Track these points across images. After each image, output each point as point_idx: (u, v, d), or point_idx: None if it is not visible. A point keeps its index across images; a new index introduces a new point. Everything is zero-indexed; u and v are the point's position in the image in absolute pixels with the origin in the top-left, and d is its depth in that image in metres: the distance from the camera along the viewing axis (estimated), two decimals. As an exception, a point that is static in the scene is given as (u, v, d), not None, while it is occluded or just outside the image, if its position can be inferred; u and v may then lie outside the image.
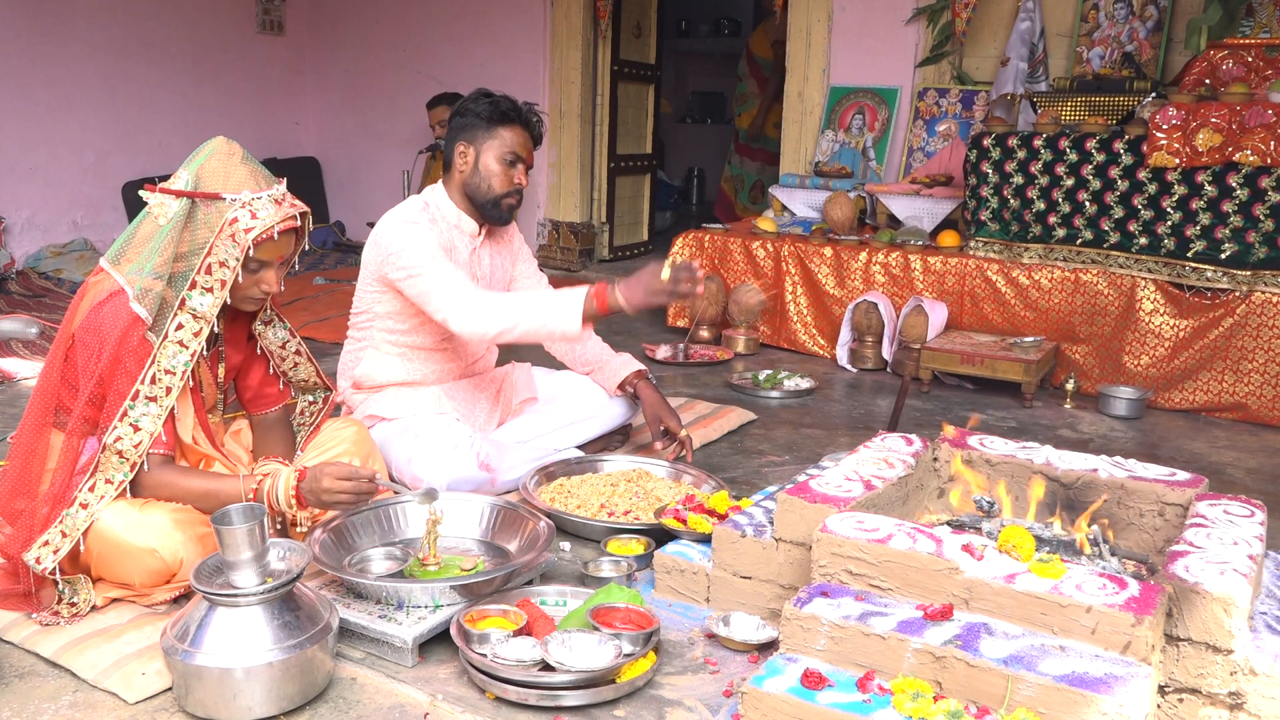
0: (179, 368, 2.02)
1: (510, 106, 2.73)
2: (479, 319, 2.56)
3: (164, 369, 2.00)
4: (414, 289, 2.62)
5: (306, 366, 2.38)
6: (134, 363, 1.99)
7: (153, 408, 2.00)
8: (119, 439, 1.98)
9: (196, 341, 2.03)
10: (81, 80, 6.24)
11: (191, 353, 2.02)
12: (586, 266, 6.72)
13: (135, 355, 1.99)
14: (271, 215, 2.00)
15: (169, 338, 2.00)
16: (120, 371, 1.98)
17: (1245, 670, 1.59)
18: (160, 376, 2.00)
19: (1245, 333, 3.72)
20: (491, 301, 2.59)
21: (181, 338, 2.01)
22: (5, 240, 5.90)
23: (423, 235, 2.64)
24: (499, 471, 2.70)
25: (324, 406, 2.48)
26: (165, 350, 2.00)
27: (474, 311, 2.56)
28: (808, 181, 5.41)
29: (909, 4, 5.39)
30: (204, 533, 2.07)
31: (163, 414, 2.01)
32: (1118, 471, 2.11)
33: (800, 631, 1.67)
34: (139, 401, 1.99)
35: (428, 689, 1.84)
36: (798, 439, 3.45)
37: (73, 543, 1.96)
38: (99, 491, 1.99)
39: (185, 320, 2.01)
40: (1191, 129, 3.72)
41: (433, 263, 2.60)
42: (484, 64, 6.86)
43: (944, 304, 4.32)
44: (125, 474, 2.00)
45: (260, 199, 2.01)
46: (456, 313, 2.56)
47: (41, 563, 1.95)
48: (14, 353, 4.18)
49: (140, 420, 1.99)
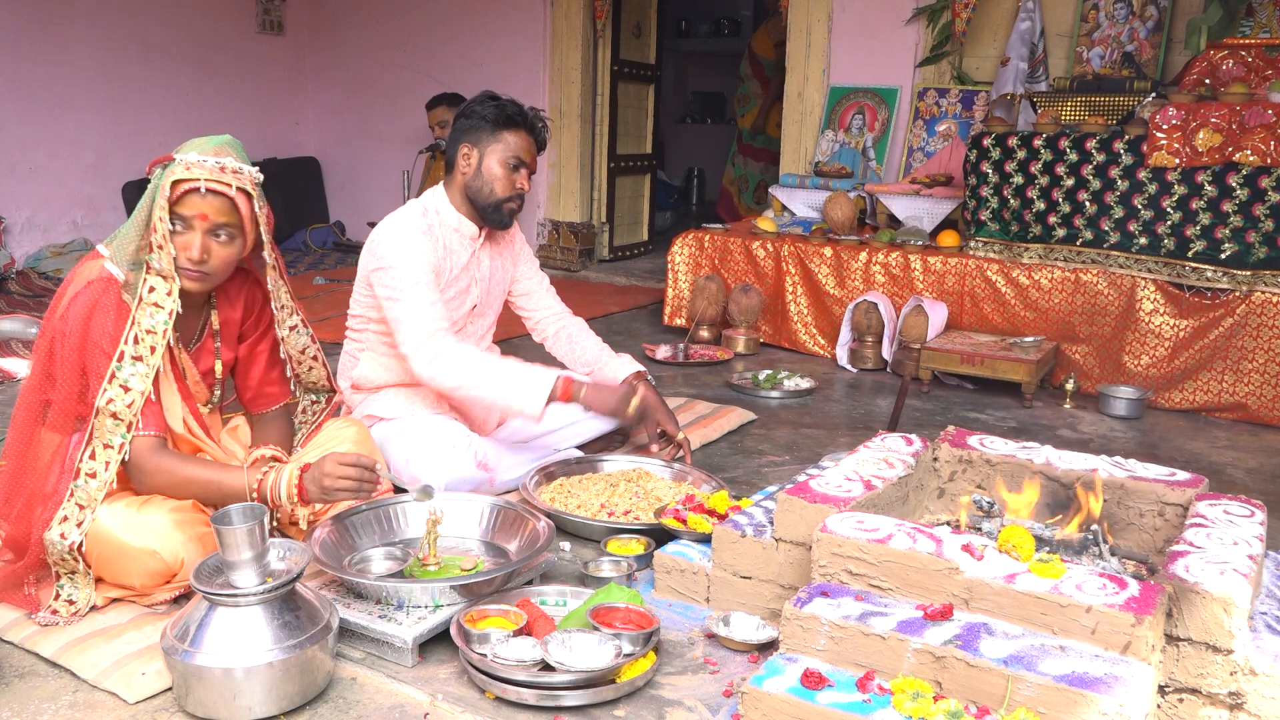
0: (159, 327, 2.03)
1: (516, 111, 2.73)
2: (438, 369, 2.57)
3: (145, 329, 2.02)
4: (389, 312, 2.63)
5: (320, 370, 2.39)
6: (113, 327, 2.00)
7: (140, 367, 2.01)
8: (110, 400, 1.98)
9: (171, 300, 2.04)
10: (81, 80, 6.24)
11: (168, 311, 2.03)
12: (586, 266, 6.73)
13: (113, 320, 2.00)
14: (201, 172, 1.99)
15: (144, 300, 2.02)
16: (96, 345, 1.99)
17: (1245, 670, 1.59)
18: (142, 336, 2.01)
19: (1245, 333, 3.72)
20: (459, 354, 2.58)
21: (156, 299, 2.03)
22: (5, 240, 5.90)
23: (414, 256, 2.63)
24: (497, 471, 2.70)
25: (326, 406, 2.48)
26: (143, 311, 2.02)
27: (439, 358, 2.56)
28: (808, 181, 5.41)
29: (909, 4, 5.39)
30: (203, 533, 2.07)
31: (150, 373, 2.02)
32: (1118, 471, 2.11)
33: (800, 631, 1.67)
34: (125, 362, 2.00)
35: (428, 689, 1.84)
36: (798, 439, 3.45)
37: (91, 514, 1.97)
38: (101, 458, 1.99)
39: (156, 283, 2.03)
40: (1191, 129, 3.72)
41: (413, 291, 2.59)
42: (484, 64, 6.86)
43: (944, 304, 4.32)
44: (122, 435, 2.00)
45: (203, 161, 2.00)
46: (419, 355, 2.57)
47: (66, 538, 1.96)
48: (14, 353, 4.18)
49: (129, 380, 2.00)
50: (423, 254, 2.65)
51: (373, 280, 2.68)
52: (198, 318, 2.21)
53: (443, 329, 2.60)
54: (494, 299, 2.96)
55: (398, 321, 2.61)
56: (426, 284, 2.62)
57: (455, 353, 2.58)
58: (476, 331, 2.94)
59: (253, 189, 2.06)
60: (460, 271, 2.80)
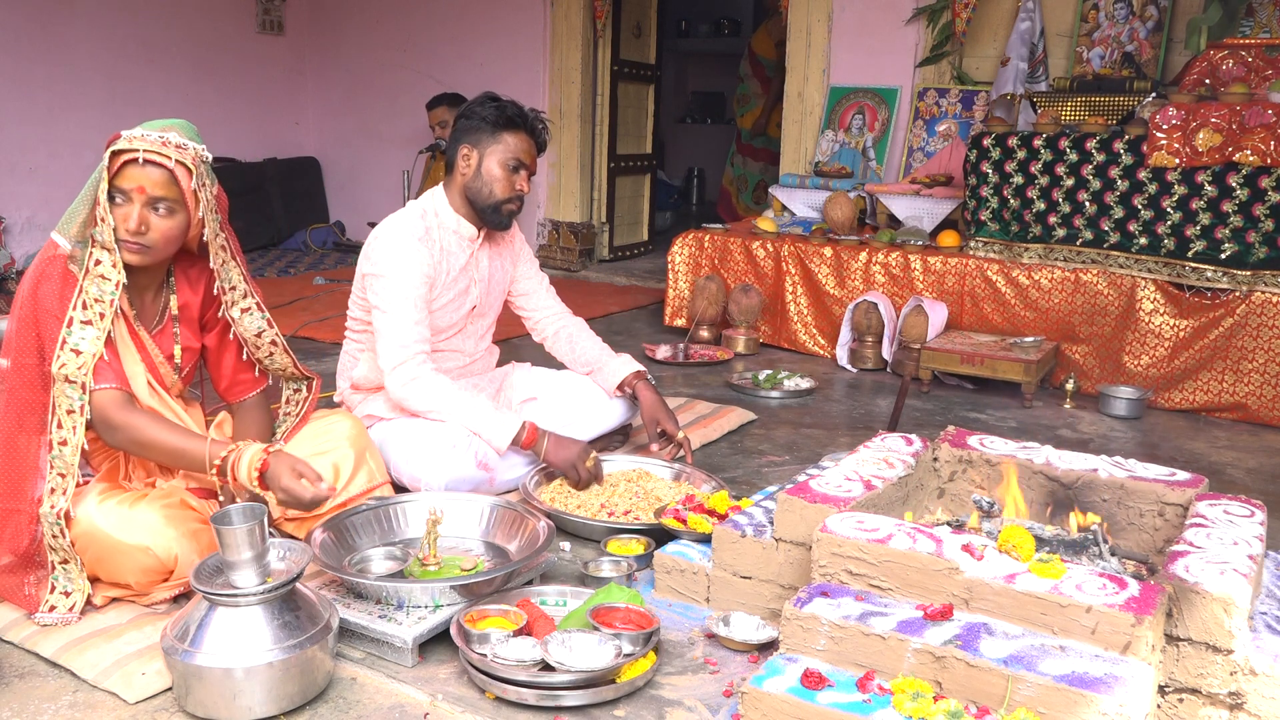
0: (106, 295, 2.04)
1: (516, 112, 2.73)
2: (412, 391, 2.61)
3: (93, 297, 2.03)
4: (374, 320, 2.66)
5: (283, 357, 2.36)
6: (58, 296, 2.02)
7: (89, 330, 2.02)
8: (63, 365, 2.00)
9: (116, 272, 2.04)
10: (81, 80, 6.24)
11: (115, 282, 2.04)
12: (586, 266, 6.73)
13: (59, 289, 2.02)
14: (141, 145, 2.00)
15: (90, 272, 2.03)
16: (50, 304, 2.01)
17: (1245, 670, 1.59)
18: (90, 303, 2.03)
19: (1245, 333, 3.72)
20: (433, 383, 2.62)
21: (103, 271, 2.03)
22: (5, 240, 5.90)
23: (406, 268, 2.63)
24: (498, 471, 2.69)
25: (309, 395, 2.47)
26: (91, 282, 2.03)
27: (413, 382, 2.61)
28: (808, 181, 5.41)
29: (909, 4, 5.39)
30: (196, 529, 2.07)
31: (101, 335, 2.03)
32: (1118, 471, 2.11)
33: (800, 631, 1.67)
34: (74, 327, 2.01)
35: (428, 689, 1.84)
36: (798, 439, 3.45)
37: (73, 480, 2.00)
38: (68, 424, 2.01)
39: (101, 256, 2.03)
40: (1191, 129, 3.72)
41: (400, 306, 2.61)
42: (484, 64, 6.86)
43: (944, 304, 4.32)
44: (80, 397, 2.01)
45: (149, 135, 2.02)
46: (394, 374, 2.61)
47: (55, 506, 1.98)
48: (14, 353, 4.18)
49: (80, 344, 2.01)
50: (416, 266, 2.65)
51: (366, 284, 2.69)
52: (157, 300, 2.21)
53: (422, 351, 2.64)
54: (494, 299, 2.96)
55: (379, 332, 2.64)
56: (414, 301, 2.64)
57: (430, 382, 2.62)
58: (476, 331, 2.94)
59: (194, 165, 2.05)
60: (459, 272, 2.79)
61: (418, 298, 2.65)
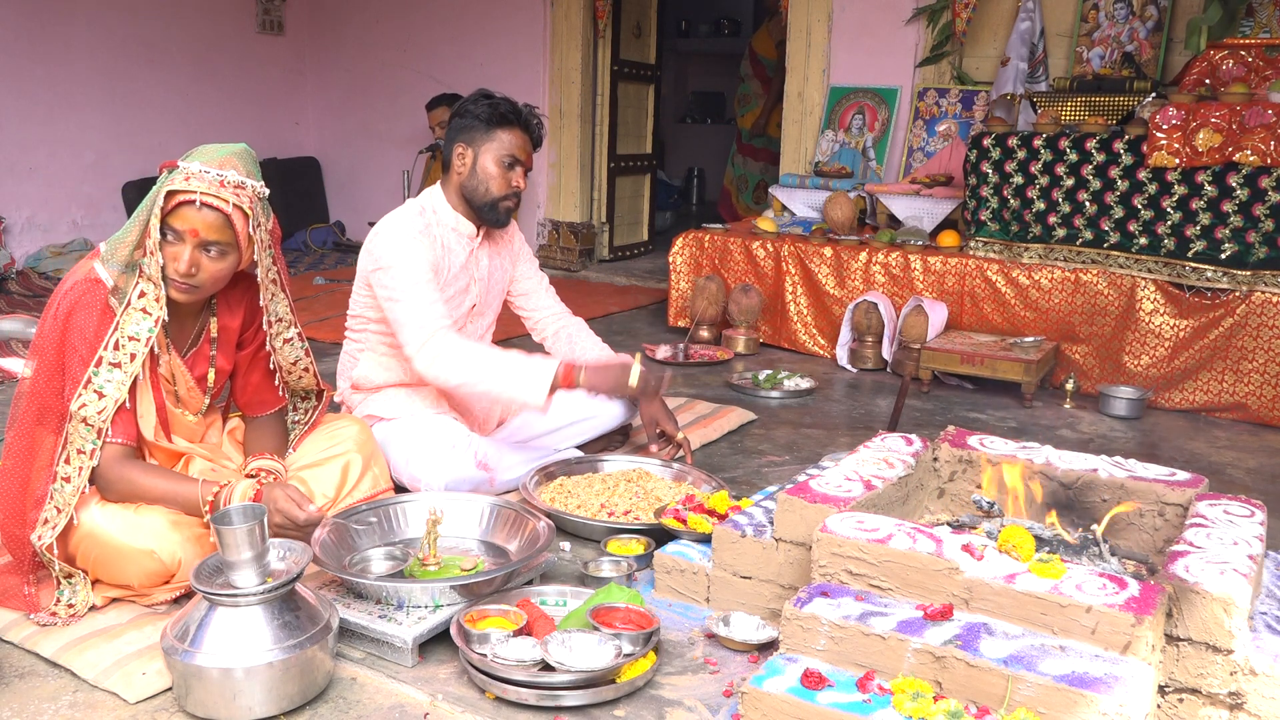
0: (143, 334, 2.00)
1: (510, 109, 2.72)
2: (443, 365, 2.56)
3: (128, 335, 1.99)
4: (390, 313, 2.62)
5: (309, 377, 2.38)
6: (94, 330, 1.98)
7: (116, 374, 1.99)
8: (84, 405, 1.96)
9: (159, 308, 2.01)
10: (81, 80, 6.23)
11: (155, 319, 2.00)
12: (586, 267, 6.73)
13: (96, 322, 1.98)
14: (200, 184, 1.94)
15: (132, 305, 1.99)
16: (73, 348, 1.97)
17: (1245, 670, 1.59)
18: (124, 343, 1.99)
19: (1245, 333, 3.72)
20: (461, 350, 2.57)
21: (144, 305, 2.00)
22: (5, 240, 5.90)
23: (413, 255, 2.62)
24: (497, 471, 2.69)
25: (320, 404, 2.47)
26: (130, 317, 1.99)
27: (440, 356, 2.56)
28: (808, 181, 5.41)
29: (909, 4, 5.39)
30: (201, 533, 2.07)
31: (127, 381, 1.99)
32: (1118, 471, 2.11)
33: (800, 631, 1.67)
34: (103, 367, 1.97)
35: (428, 689, 1.84)
36: (798, 439, 3.45)
37: (66, 517, 1.96)
38: (75, 463, 1.98)
39: (146, 288, 2.00)
40: (1191, 129, 3.72)
41: (413, 290, 2.59)
42: (484, 64, 6.86)
43: (944, 304, 4.32)
44: (94, 441, 1.98)
45: (207, 173, 1.95)
46: (423, 353, 2.56)
47: (42, 539, 1.96)
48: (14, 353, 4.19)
49: (104, 387, 1.98)
50: (421, 253, 2.64)
51: (372, 281, 2.67)
52: (195, 323, 2.19)
53: (444, 327, 2.60)
54: (493, 298, 2.96)
55: (399, 323, 2.60)
56: (426, 282, 2.61)
57: (456, 350, 2.57)
58: (476, 331, 2.94)
59: (250, 208, 2.00)
60: (459, 270, 2.79)
61: (428, 281, 2.62)
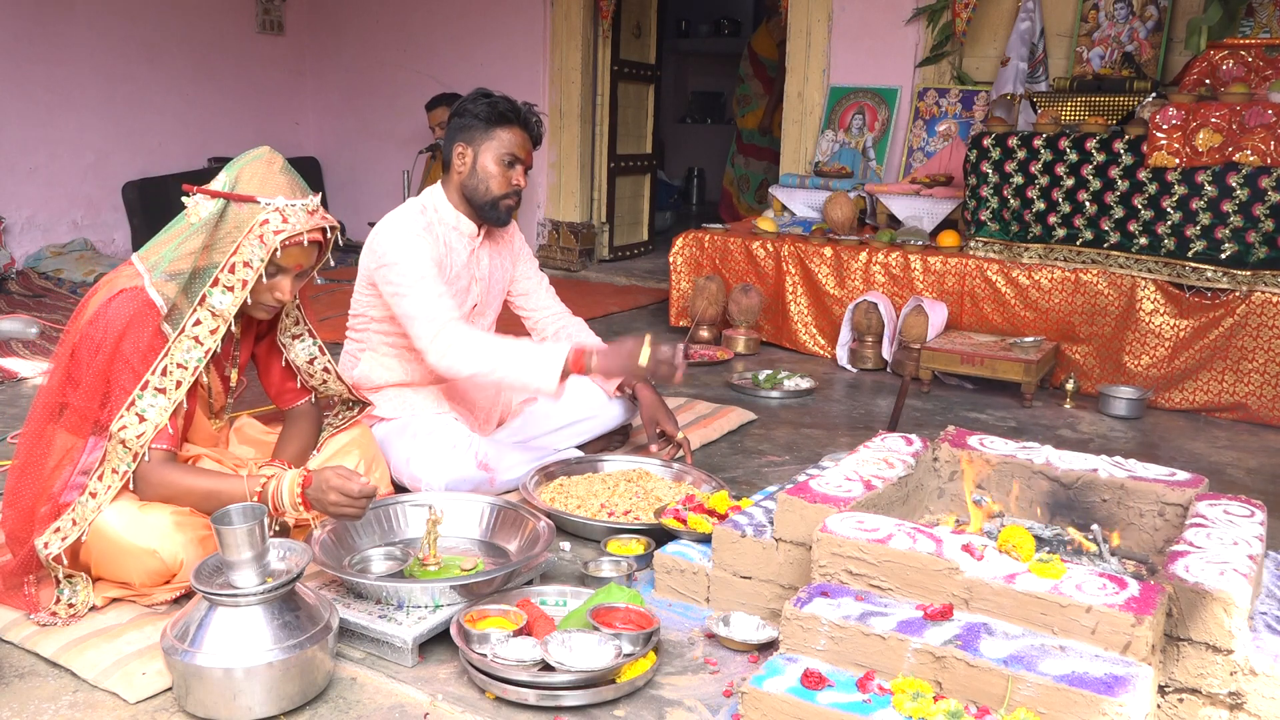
0: (192, 363, 2.02)
1: (509, 107, 2.72)
2: (456, 356, 2.55)
3: (176, 363, 2.01)
4: (399, 309, 2.62)
5: (336, 384, 2.39)
6: (144, 352, 1.99)
7: (160, 400, 2.00)
8: (124, 428, 1.97)
9: (213, 339, 2.03)
10: (81, 80, 6.23)
11: (206, 349, 2.03)
12: (586, 266, 6.73)
13: (146, 344, 1.99)
14: (302, 222, 2.03)
15: (185, 332, 2.01)
16: (126, 362, 1.98)
17: (1245, 670, 1.59)
18: (171, 369, 2.00)
19: (1245, 333, 3.72)
20: (473, 340, 2.56)
21: (198, 334, 2.02)
22: (5, 240, 5.90)
23: (416, 250, 2.62)
24: (498, 471, 2.69)
25: (356, 414, 2.49)
26: (180, 344, 2.01)
27: (452, 348, 2.55)
28: (808, 181, 5.41)
29: (909, 4, 5.39)
30: (204, 535, 2.06)
31: (170, 407, 2.01)
32: (1118, 471, 2.11)
33: (800, 631, 1.67)
34: (147, 392, 1.99)
35: (428, 689, 1.84)
36: (798, 439, 3.45)
37: (80, 531, 1.97)
38: (106, 482, 2.00)
39: (204, 317, 2.02)
40: (1191, 129, 3.72)
41: (420, 284, 2.58)
42: (484, 64, 6.86)
43: (944, 304, 4.32)
44: (129, 464, 2.00)
45: (294, 206, 2.03)
46: (435, 346, 2.56)
47: (49, 548, 1.96)
48: (14, 353, 4.19)
49: (146, 411, 1.99)
50: (424, 248, 2.64)
51: (376, 279, 2.67)
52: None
53: (453, 319, 2.59)
54: (494, 298, 2.96)
55: (409, 316, 2.59)
56: (432, 276, 2.61)
57: (468, 340, 2.56)
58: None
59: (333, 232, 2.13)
60: (460, 269, 2.79)
61: (434, 275, 2.62)
